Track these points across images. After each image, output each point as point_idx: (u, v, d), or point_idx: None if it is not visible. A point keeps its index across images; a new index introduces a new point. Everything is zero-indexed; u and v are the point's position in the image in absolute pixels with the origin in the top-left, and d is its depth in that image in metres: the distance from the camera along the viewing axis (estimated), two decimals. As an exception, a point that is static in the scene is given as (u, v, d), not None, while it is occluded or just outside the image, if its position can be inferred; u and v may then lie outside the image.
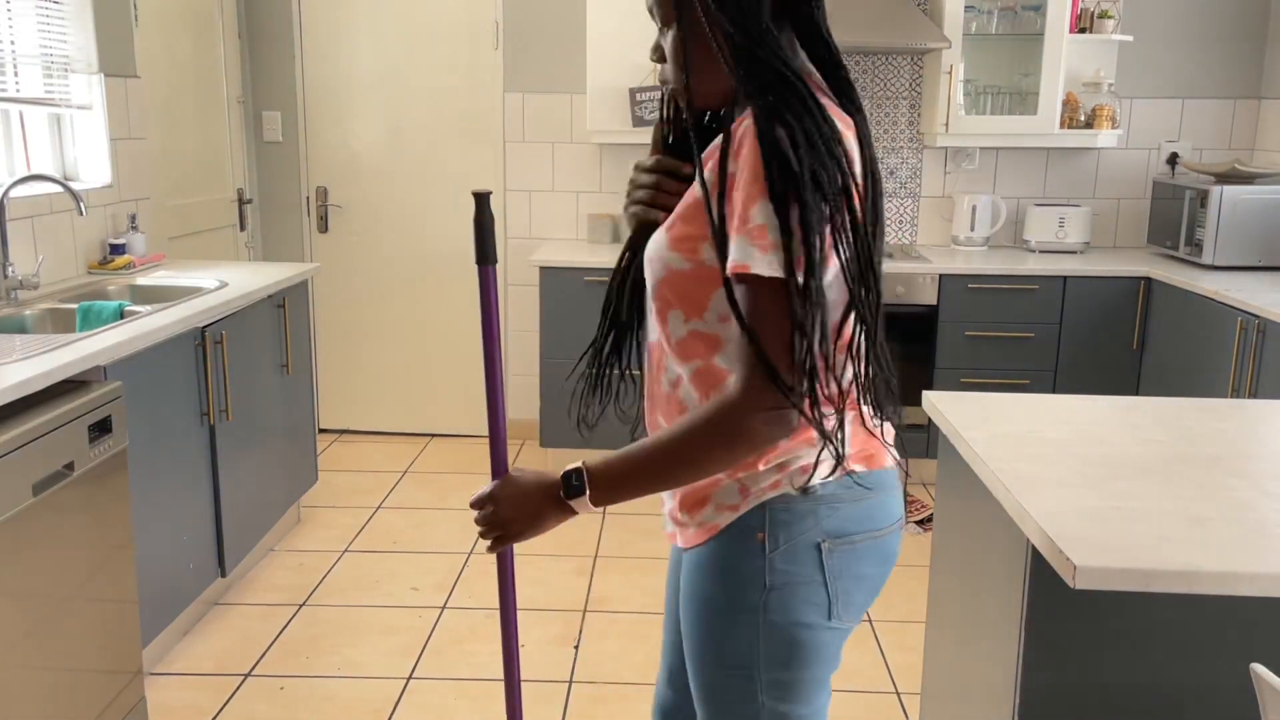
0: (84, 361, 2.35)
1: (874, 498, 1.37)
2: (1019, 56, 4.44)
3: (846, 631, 1.40)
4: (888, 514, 1.39)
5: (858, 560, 1.36)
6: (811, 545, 1.33)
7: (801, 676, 1.37)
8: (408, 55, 4.64)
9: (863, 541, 1.36)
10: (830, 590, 1.34)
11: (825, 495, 1.33)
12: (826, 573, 1.34)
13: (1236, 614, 1.59)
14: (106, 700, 2.38)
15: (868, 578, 1.38)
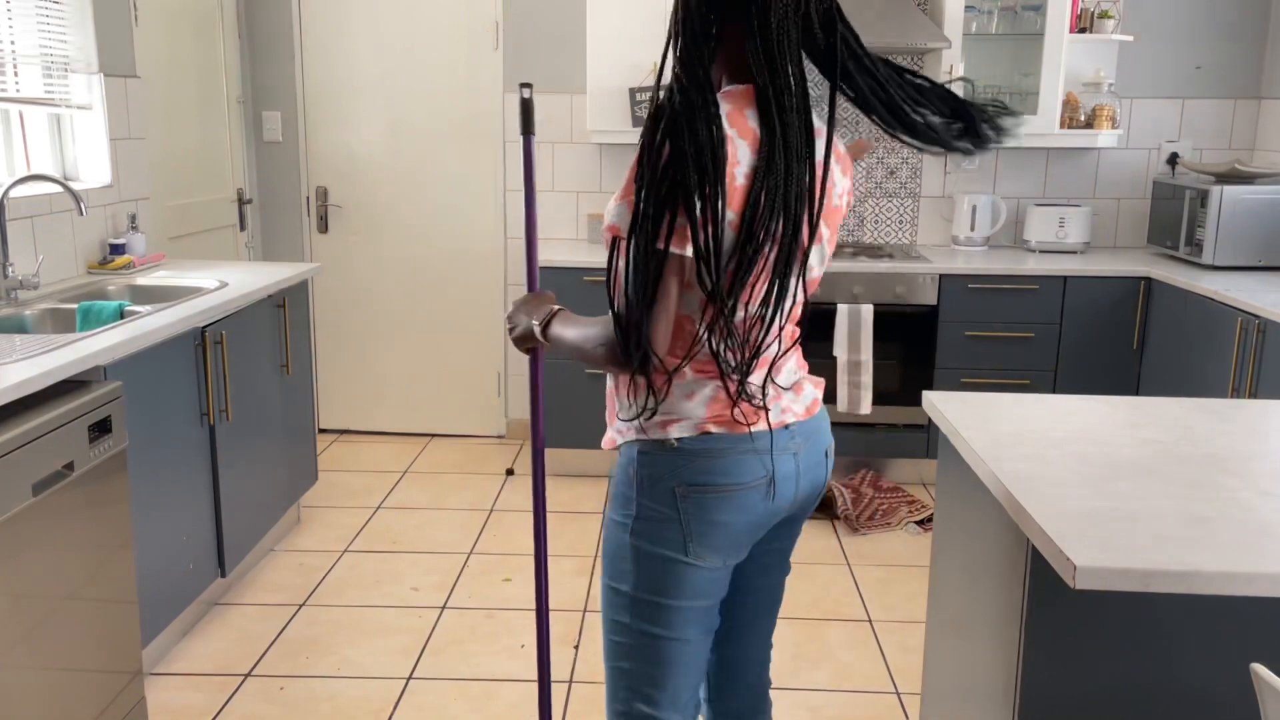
0: (84, 361, 2.36)
1: (730, 456, 1.55)
2: (1019, 56, 4.44)
3: (710, 570, 1.60)
4: (744, 471, 1.56)
5: (710, 508, 1.56)
6: (669, 489, 1.56)
7: (665, 603, 1.60)
8: (408, 55, 4.64)
9: (715, 492, 1.55)
10: (685, 529, 1.56)
11: (683, 449, 1.55)
12: (681, 514, 1.56)
13: (1236, 614, 1.59)
14: (106, 700, 2.38)
15: (722, 524, 1.57)
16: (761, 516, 1.60)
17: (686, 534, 1.56)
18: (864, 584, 3.46)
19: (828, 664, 2.95)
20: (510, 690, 2.80)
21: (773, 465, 1.58)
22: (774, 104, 1.46)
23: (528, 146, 1.94)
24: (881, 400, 4.23)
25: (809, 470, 1.65)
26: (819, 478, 1.69)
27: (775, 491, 1.59)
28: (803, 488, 1.65)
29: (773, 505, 1.60)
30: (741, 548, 1.61)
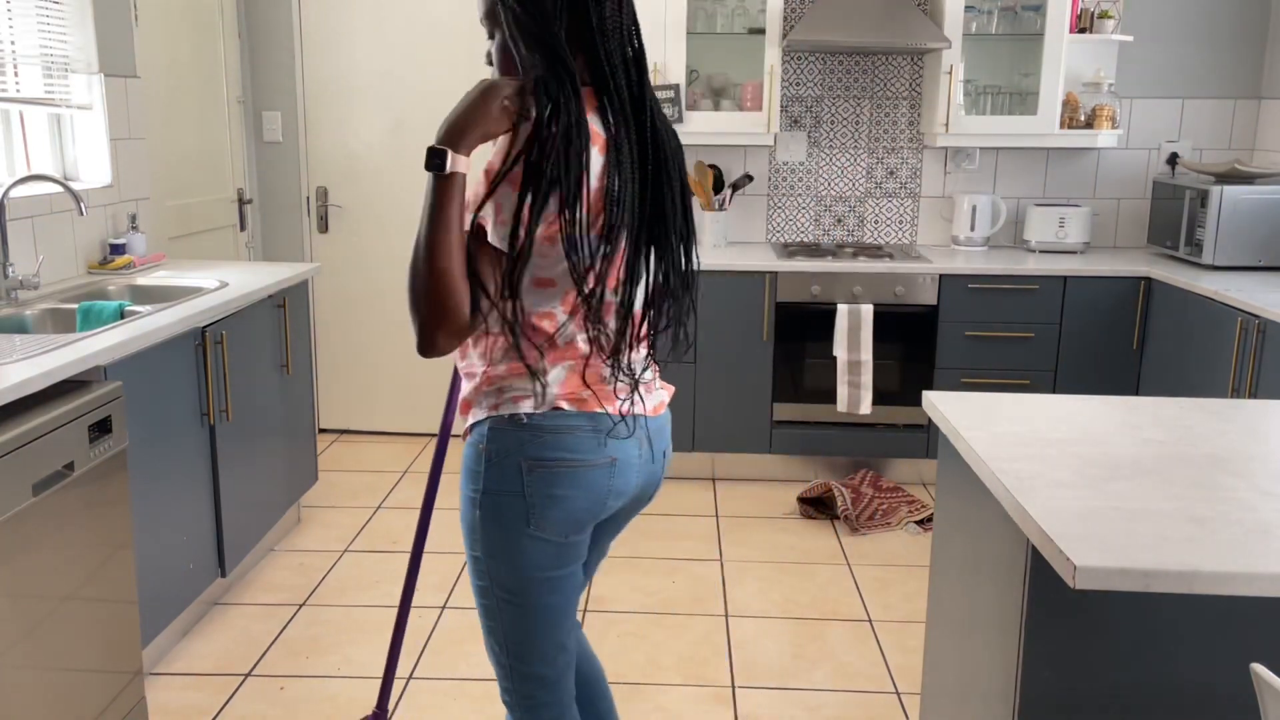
0: (84, 361, 2.36)
1: (575, 434, 1.62)
2: (1019, 56, 4.44)
3: (554, 544, 1.66)
4: (590, 449, 1.63)
5: (553, 482, 1.62)
6: (516, 464, 1.61)
7: (516, 574, 1.67)
8: (408, 55, 4.64)
9: (560, 468, 1.62)
10: (528, 502, 1.62)
11: (530, 425, 1.61)
12: (525, 488, 1.62)
13: (1236, 614, 1.59)
14: (106, 700, 2.38)
15: (564, 499, 1.63)
16: (602, 496, 1.66)
17: (530, 507, 1.63)
18: (864, 584, 3.46)
19: (828, 664, 2.95)
20: (510, 690, 2.80)
21: (618, 448, 1.66)
22: (611, 110, 1.58)
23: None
24: (881, 400, 4.23)
25: (647, 465, 1.73)
26: (655, 475, 1.78)
27: (616, 473, 1.67)
28: (642, 477, 1.73)
29: (614, 487, 1.67)
30: (582, 525, 1.68)
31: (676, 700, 2.76)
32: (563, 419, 1.61)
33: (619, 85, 1.58)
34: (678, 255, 1.70)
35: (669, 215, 1.65)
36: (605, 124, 1.57)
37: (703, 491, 4.29)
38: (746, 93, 4.35)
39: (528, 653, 1.74)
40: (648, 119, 1.60)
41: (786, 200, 4.69)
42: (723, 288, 4.16)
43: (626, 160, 1.56)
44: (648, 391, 1.73)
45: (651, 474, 1.76)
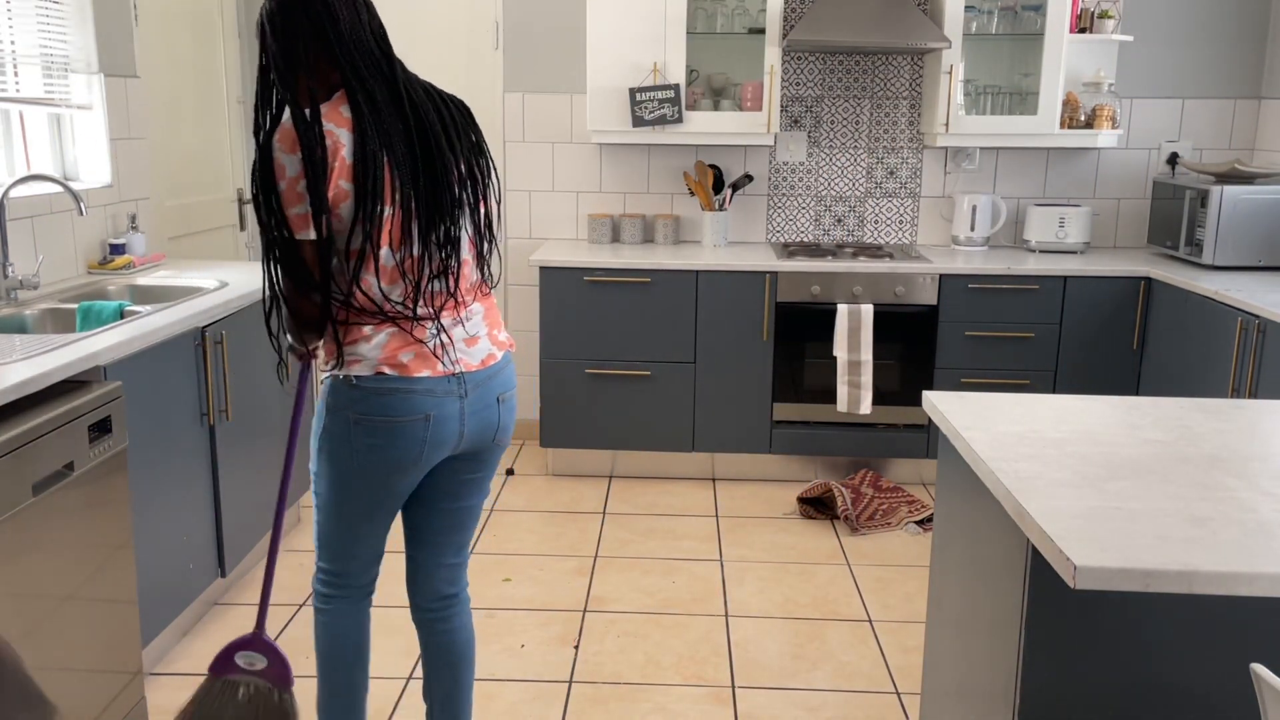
0: (84, 361, 2.36)
1: (395, 395, 1.92)
2: (1019, 56, 4.44)
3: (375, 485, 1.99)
4: (406, 409, 1.93)
5: (373, 434, 1.94)
6: (346, 417, 1.95)
7: (343, 506, 2.03)
8: (408, 55, 4.61)
9: (380, 423, 1.94)
10: (353, 450, 1.96)
11: (359, 386, 1.93)
12: (352, 438, 1.96)
13: (1236, 614, 1.59)
14: (106, 700, 2.38)
15: (382, 449, 1.95)
16: (417, 447, 1.96)
17: (355, 453, 1.97)
18: (864, 584, 3.46)
19: (828, 664, 2.95)
20: (510, 690, 2.80)
21: (434, 405, 1.95)
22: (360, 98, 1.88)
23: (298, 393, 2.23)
24: (881, 400, 4.23)
25: (477, 413, 2.02)
26: (489, 419, 2.05)
27: (433, 428, 1.96)
28: (470, 427, 2.02)
29: (431, 439, 1.97)
30: (401, 469, 1.98)
31: (676, 700, 2.76)
32: (384, 382, 1.92)
33: (363, 80, 1.89)
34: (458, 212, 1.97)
35: (442, 184, 1.93)
36: (355, 113, 1.87)
37: (703, 491, 4.29)
38: (746, 93, 4.35)
39: (333, 555, 2.11)
40: (405, 103, 1.92)
41: (786, 200, 4.69)
42: (723, 288, 4.16)
43: (374, 140, 1.86)
44: (471, 345, 2.00)
45: (485, 420, 2.04)
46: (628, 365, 4.24)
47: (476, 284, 2.05)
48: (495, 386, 2.04)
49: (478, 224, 2.03)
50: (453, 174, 1.96)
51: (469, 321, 2.01)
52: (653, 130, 4.31)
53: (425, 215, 1.91)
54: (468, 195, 2.00)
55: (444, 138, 1.95)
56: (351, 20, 1.91)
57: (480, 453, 2.10)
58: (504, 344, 2.09)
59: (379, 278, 1.90)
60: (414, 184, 1.90)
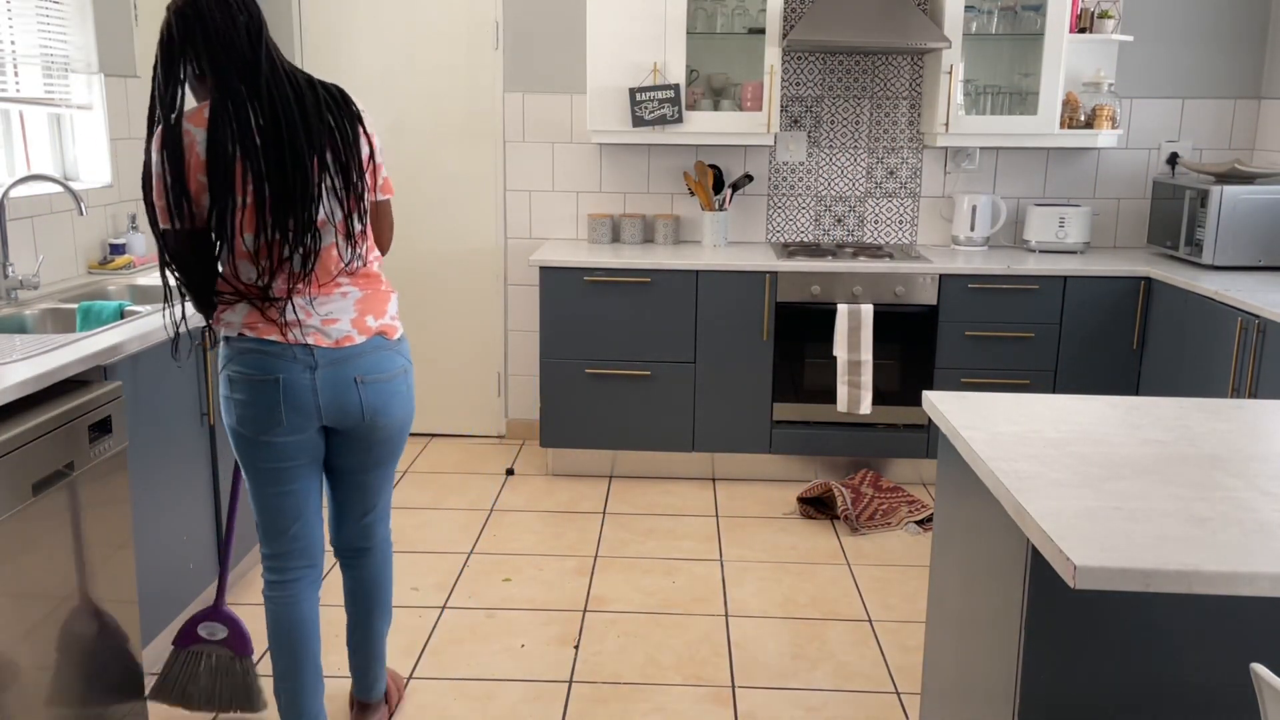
0: (84, 361, 2.36)
1: (250, 355, 2.15)
2: (1019, 56, 4.44)
3: (248, 438, 2.20)
4: (260, 367, 2.15)
5: (235, 390, 2.18)
6: (226, 375, 2.20)
7: (242, 462, 2.27)
8: (408, 55, 4.64)
9: (241, 379, 2.17)
10: (230, 405, 2.20)
11: (230, 345, 2.18)
12: (229, 394, 2.20)
13: (1236, 614, 1.59)
14: (106, 701, 2.38)
15: (242, 403, 2.18)
16: (273, 405, 2.16)
17: (231, 409, 2.20)
18: (864, 584, 3.46)
19: (827, 664, 2.95)
20: (510, 690, 2.80)
21: (283, 368, 2.15)
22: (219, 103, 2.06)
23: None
24: (881, 400, 4.23)
25: (331, 388, 2.18)
26: (348, 398, 2.20)
27: (284, 391, 2.15)
28: (325, 399, 2.18)
29: (288, 400, 2.16)
30: (270, 428, 2.18)
31: (676, 700, 2.77)
32: (242, 343, 2.16)
33: (225, 81, 2.06)
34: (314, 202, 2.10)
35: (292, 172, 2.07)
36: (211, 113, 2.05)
37: (703, 491, 4.29)
38: (746, 93, 4.35)
39: (262, 530, 2.31)
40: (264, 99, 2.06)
41: (786, 200, 4.69)
42: (723, 288, 4.16)
43: (225, 138, 2.04)
44: (327, 324, 2.17)
45: (344, 398, 2.20)
46: (628, 365, 4.24)
47: (343, 268, 2.20)
48: (351, 368, 2.19)
49: (346, 209, 2.16)
50: (309, 165, 2.08)
51: (329, 303, 2.19)
52: (653, 130, 4.31)
53: (278, 204, 2.07)
54: (332, 181, 2.12)
55: (301, 128, 2.08)
56: (224, 25, 2.06)
57: (356, 431, 2.27)
58: (371, 329, 2.22)
59: (235, 259, 2.12)
60: (265, 177, 2.06)
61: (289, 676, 2.35)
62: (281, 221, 2.08)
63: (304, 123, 2.09)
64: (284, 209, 2.08)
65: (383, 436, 2.30)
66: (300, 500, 2.29)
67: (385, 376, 2.24)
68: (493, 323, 4.84)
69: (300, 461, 2.25)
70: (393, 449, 2.36)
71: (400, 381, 2.28)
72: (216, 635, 2.56)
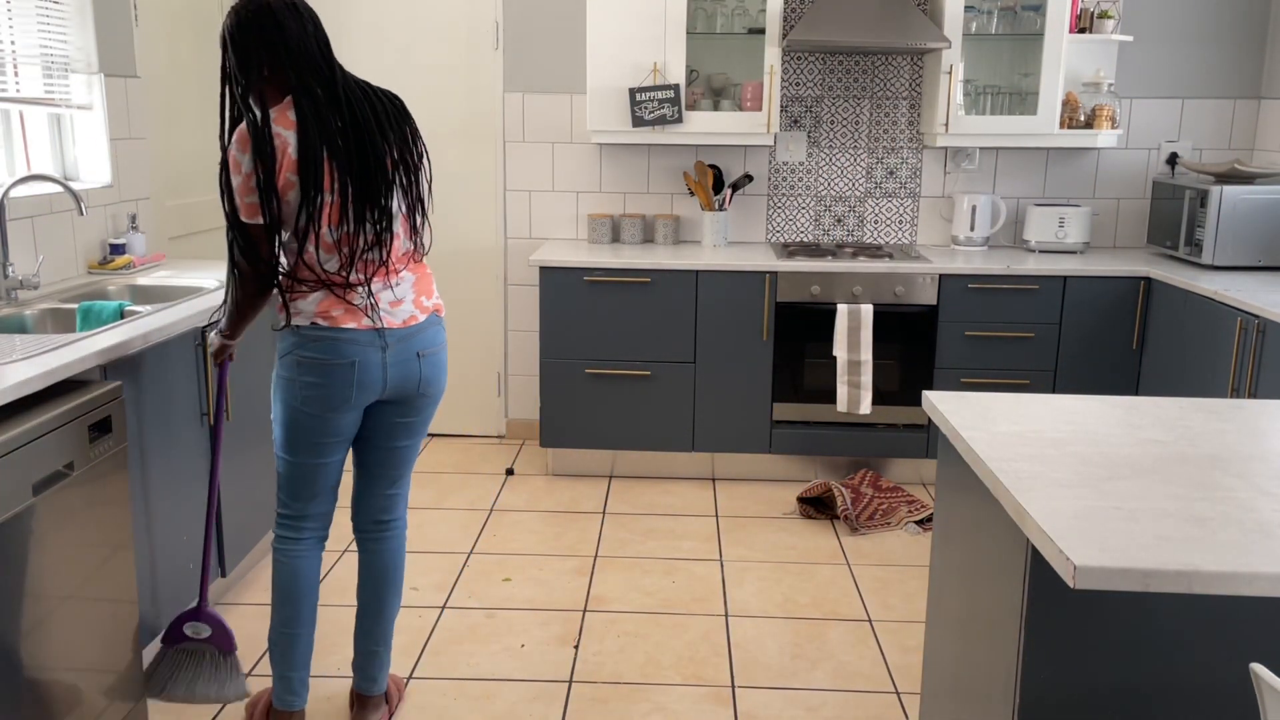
0: (84, 361, 2.36)
1: (326, 342, 2.31)
2: (1019, 56, 4.44)
3: (316, 417, 2.36)
4: (336, 353, 2.31)
5: (310, 373, 2.33)
6: (292, 360, 2.34)
7: (290, 437, 2.41)
8: (408, 55, 4.64)
9: (315, 364, 2.32)
10: (297, 387, 2.35)
11: (300, 333, 2.32)
12: (296, 377, 2.34)
13: (1236, 614, 1.59)
14: (106, 700, 2.38)
15: (318, 386, 2.33)
16: (347, 387, 2.33)
17: (298, 391, 2.35)
18: (864, 584, 3.46)
19: (827, 664, 2.95)
20: (510, 690, 2.81)
21: (359, 352, 2.32)
22: (304, 102, 2.23)
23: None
24: (881, 400, 4.24)
25: (398, 364, 2.37)
26: (411, 371, 2.40)
27: (358, 372, 2.32)
28: (392, 375, 2.37)
29: (360, 381, 2.33)
30: (337, 408, 2.35)
31: (676, 700, 2.77)
32: (318, 331, 2.31)
33: (307, 86, 2.24)
34: (389, 193, 2.29)
35: (374, 170, 2.26)
36: (299, 116, 2.22)
37: (703, 491, 4.29)
38: (746, 93, 4.35)
39: (289, 494, 2.49)
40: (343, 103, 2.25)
41: (786, 200, 4.69)
42: (722, 287, 4.16)
43: (314, 139, 2.21)
44: (395, 307, 2.35)
45: (407, 371, 2.39)
46: (628, 365, 4.25)
47: (408, 253, 2.40)
48: (415, 344, 2.39)
49: (410, 202, 2.36)
50: (385, 161, 2.29)
51: (397, 287, 2.37)
52: (653, 130, 4.31)
53: (359, 199, 2.26)
54: (400, 178, 2.33)
55: (377, 131, 2.29)
56: (299, 33, 2.25)
57: (409, 400, 2.45)
58: (428, 308, 2.43)
59: (319, 251, 2.27)
60: (349, 173, 2.25)
61: (289, 624, 2.50)
62: (361, 214, 2.27)
63: (377, 125, 2.30)
64: (364, 203, 2.27)
65: (425, 404, 2.48)
66: (334, 471, 2.48)
67: (438, 349, 2.46)
68: (493, 323, 4.84)
69: (344, 437, 2.44)
70: (428, 417, 2.54)
71: (444, 353, 2.50)
72: (201, 634, 2.69)
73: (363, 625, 2.60)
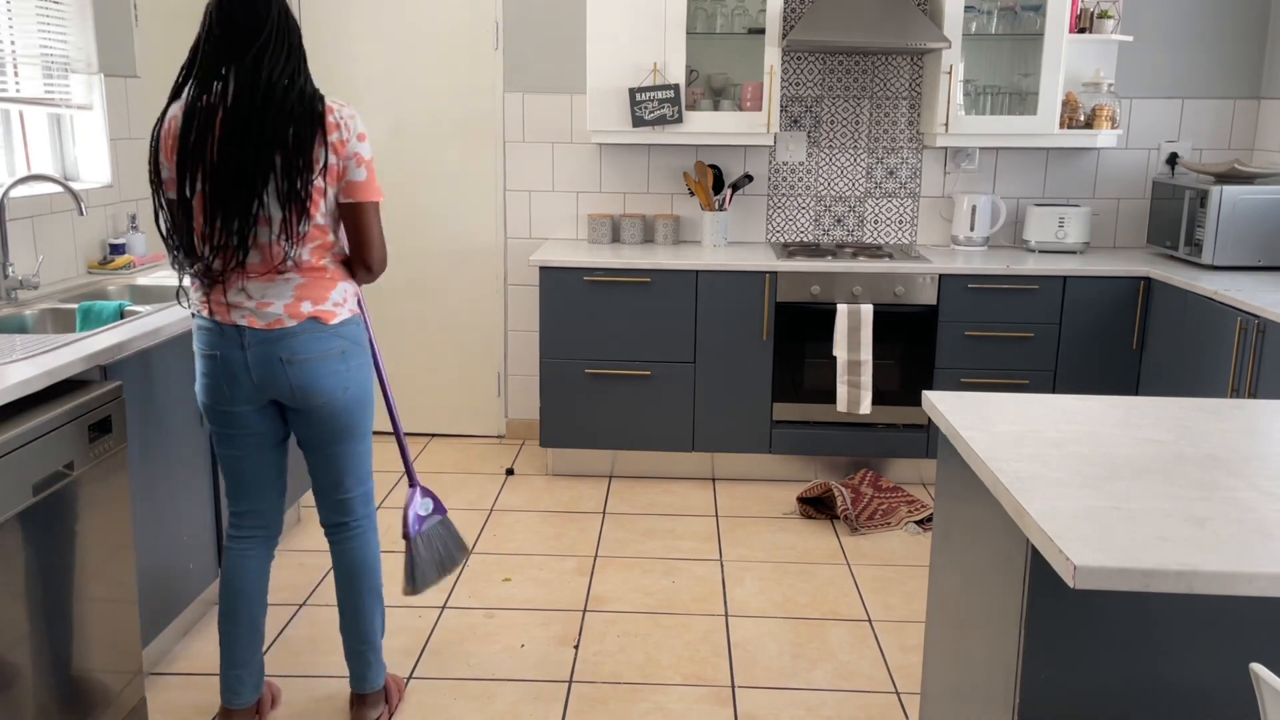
0: (84, 361, 2.36)
1: (201, 331, 2.36)
2: (1019, 56, 4.44)
3: (211, 409, 2.40)
4: (205, 344, 2.35)
5: (198, 362, 2.39)
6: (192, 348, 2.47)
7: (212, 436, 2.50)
8: (408, 55, 4.64)
9: (197, 352, 2.39)
10: (196, 374, 2.41)
11: (193, 319, 2.39)
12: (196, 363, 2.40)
13: (1236, 614, 1.59)
14: (106, 700, 2.38)
15: (201, 375, 2.39)
16: (218, 380, 2.35)
17: (196, 378, 2.41)
18: (864, 584, 3.46)
19: (827, 664, 2.95)
20: (510, 690, 2.81)
21: (221, 346, 2.33)
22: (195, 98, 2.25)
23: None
24: (881, 400, 4.24)
25: (260, 366, 2.32)
26: (276, 376, 2.33)
27: (222, 366, 2.33)
28: (259, 378, 2.33)
29: (225, 374, 2.34)
30: (218, 400, 2.37)
31: (676, 700, 2.77)
32: (198, 320, 2.37)
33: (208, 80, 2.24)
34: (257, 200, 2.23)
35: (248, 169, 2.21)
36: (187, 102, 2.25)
37: (703, 491, 4.29)
38: (746, 93, 4.35)
39: (226, 491, 2.52)
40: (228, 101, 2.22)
41: (786, 200, 4.69)
42: (723, 288, 4.16)
43: (192, 129, 2.22)
44: (261, 308, 2.31)
45: (272, 375, 2.33)
46: (628, 365, 4.25)
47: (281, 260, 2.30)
48: (279, 349, 2.32)
49: (287, 213, 2.25)
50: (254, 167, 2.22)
51: (270, 288, 2.31)
52: (653, 130, 4.31)
53: (222, 195, 2.23)
54: (278, 186, 2.24)
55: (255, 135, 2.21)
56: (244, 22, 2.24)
57: (305, 409, 2.39)
58: (304, 315, 2.32)
59: (196, 238, 2.29)
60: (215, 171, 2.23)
61: (226, 620, 2.53)
62: (227, 210, 2.23)
63: (260, 127, 2.21)
64: (222, 202, 2.23)
65: (326, 414, 2.40)
66: (251, 467, 2.47)
67: (314, 357, 2.34)
68: (493, 323, 4.84)
69: (250, 432, 2.42)
70: (343, 425, 2.44)
71: (334, 362, 2.36)
72: (429, 510, 2.85)
73: (344, 625, 2.61)
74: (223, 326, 2.31)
